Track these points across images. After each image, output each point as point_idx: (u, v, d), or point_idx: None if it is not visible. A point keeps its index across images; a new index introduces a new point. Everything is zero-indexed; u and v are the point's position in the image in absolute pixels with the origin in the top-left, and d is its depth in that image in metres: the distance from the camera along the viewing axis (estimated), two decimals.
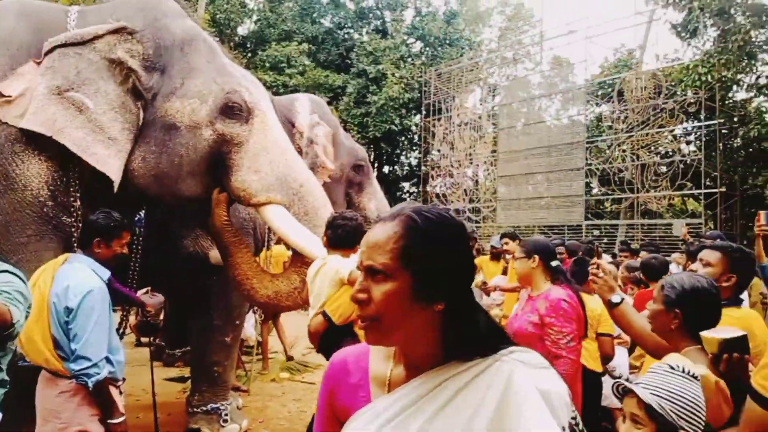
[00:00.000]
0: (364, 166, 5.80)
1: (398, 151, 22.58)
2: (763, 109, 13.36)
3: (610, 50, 17.41)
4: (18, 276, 2.05)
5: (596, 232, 15.03)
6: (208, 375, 4.27)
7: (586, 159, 14.50)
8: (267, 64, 19.36)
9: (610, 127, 14.38)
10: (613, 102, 14.36)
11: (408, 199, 23.28)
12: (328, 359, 2.78)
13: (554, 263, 2.83)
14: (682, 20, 12.50)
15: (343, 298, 2.62)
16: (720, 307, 1.83)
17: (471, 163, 17.83)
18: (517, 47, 18.95)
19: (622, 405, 1.51)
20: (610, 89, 14.80)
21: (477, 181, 18.26)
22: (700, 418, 1.38)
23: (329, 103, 18.83)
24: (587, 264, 4.38)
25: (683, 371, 1.45)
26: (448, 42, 21.14)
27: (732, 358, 1.49)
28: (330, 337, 2.66)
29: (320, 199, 3.55)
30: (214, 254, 3.80)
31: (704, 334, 1.64)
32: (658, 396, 1.39)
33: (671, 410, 1.37)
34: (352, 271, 2.60)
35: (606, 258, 7.08)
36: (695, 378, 1.44)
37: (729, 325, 1.77)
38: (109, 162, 3.14)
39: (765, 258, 5.81)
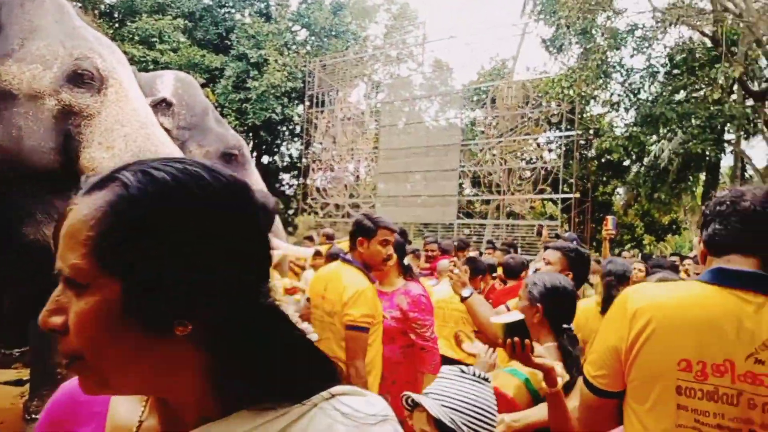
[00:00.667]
0: (236, 155, 5.40)
1: (279, 142, 21.99)
2: (614, 124, 14.91)
3: (487, 58, 18.42)
4: None
5: (467, 231, 15.79)
6: (49, 378, 3.76)
7: (460, 161, 15.16)
8: (136, 38, 17.78)
9: (483, 132, 15.16)
10: (486, 108, 15.16)
11: (288, 191, 22.83)
12: None
13: (405, 261, 2.96)
14: (551, 36, 13.53)
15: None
16: (575, 302, 2.01)
17: (352, 158, 17.85)
18: (401, 46, 19.30)
19: (411, 421, 1.45)
20: (484, 95, 15.61)
21: (358, 177, 18.35)
22: (492, 423, 1.39)
23: (204, 86, 17.92)
24: (478, 262, 4.54)
25: (474, 375, 1.46)
26: (334, 33, 20.96)
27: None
28: None
29: None
30: None
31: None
32: (448, 407, 1.37)
33: (462, 423, 1.34)
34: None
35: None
36: (486, 381, 1.46)
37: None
38: None
39: (609, 255, 6.42)
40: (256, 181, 5.49)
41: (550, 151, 16.28)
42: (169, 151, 3.26)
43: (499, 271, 5.25)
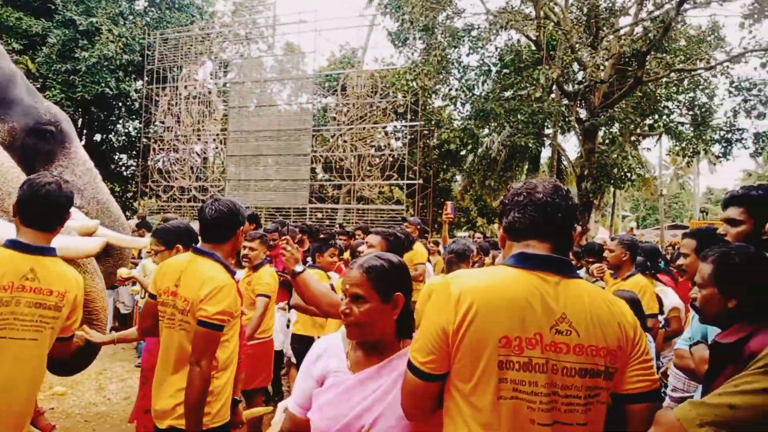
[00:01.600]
0: (53, 132, 4.59)
1: (114, 119, 20.06)
2: (453, 117, 16.09)
3: (337, 46, 18.64)
4: None
5: (319, 215, 16.01)
6: None
7: (312, 146, 15.27)
8: None
9: (334, 119, 15.42)
10: (337, 95, 15.41)
11: (126, 172, 21.00)
12: None
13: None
14: (396, 30, 14.12)
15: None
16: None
17: (199, 139, 17.01)
18: (251, 26, 18.69)
19: None
20: (335, 83, 15.84)
21: (205, 159, 17.54)
22: None
23: (22, 53, 15.71)
24: (328, 241, 4.69)
25: None
26: (176, 6, 19.57)
27: None
28: None
29: None
30: None
31: None
32: None
33: None
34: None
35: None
36: None
37: None
38: None
39: (449, 240, 7.01)
40: (80, 161, 4.75)
41: (397, 139, 17.08)
42: None
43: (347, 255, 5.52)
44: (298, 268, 2.40)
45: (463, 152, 16.10)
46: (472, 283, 1.35)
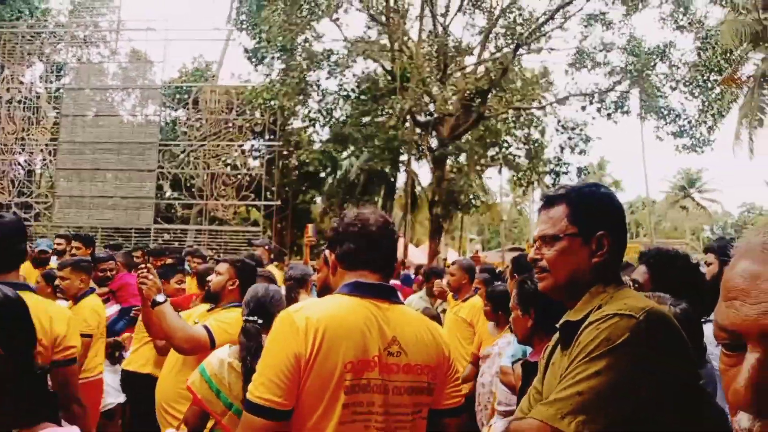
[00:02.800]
0: None
1: None
2: (313, 139, 16.11)
3: (189, 57, 17.77)
4: None
5: (166, 236, 14.88)
6: None
7: (159, 161, 14.24)
8: None
9: (185, 133, 14.58)
10: (188, 109, 14.61)
11: None
12: None
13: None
14: (254, 47, 13.84)
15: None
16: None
17: (23, 149, 15.00)
18: (91, 29, 17.07)
19: None
20: (186, 96, 15.02)
21: (30, 172, 15.52)
22: None
23: None
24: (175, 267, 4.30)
25: None
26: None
27: None
28: None
29: None
30: None
31: None
32: None
33: None
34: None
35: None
36: None
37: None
38: None
39: (310, 262, 6.87)
40: None
41: (254, 158, 16.62)
42: None
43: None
44: (160, 298, 2.50)
45: (322, 174, 16.16)
46: (316, 312, 1.37)
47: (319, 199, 18.01)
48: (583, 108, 13.87)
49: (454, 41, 14.18)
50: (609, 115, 14.18)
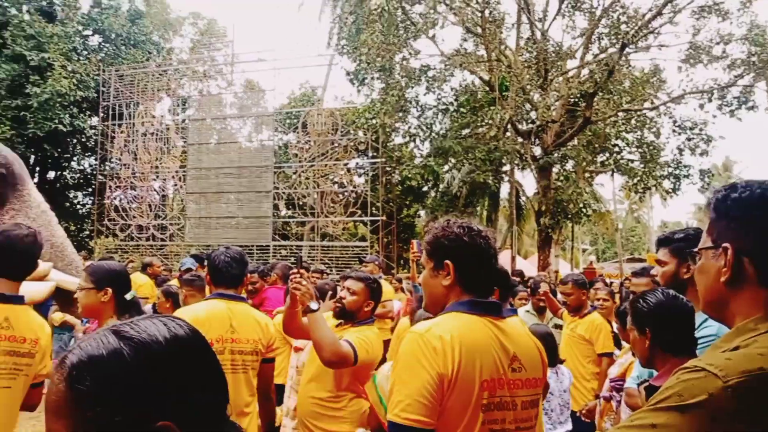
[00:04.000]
0: (4, 174, 4.51)
1: (68, 155, 19.57)
2: (414, 154, 16.44)
3: (297, 84, 18.86)
4: None
5: (283, 252, 15.90)
6: None
7: (275, 183, 15.27)
8: None
9: (296, 155, 15.50)
10: (298, 132, 15.53)
11: (81, 210, 20.35)
12: None
13: (128, 296, 2.40)
14: (354, 69, 14.42)
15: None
16: None
17: (157, 176, 16.73)
18: (209, 63, 18.70)
19: None
20: (296, 120, 15.97)
21: (164, 197, 17.22)
22: None
23: None
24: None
25: None
26: (132, 42, 19.43)
27: None
28: None
29: None
30: None
31: None
32: None
33: None
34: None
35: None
36: None
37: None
38: None
39: (417, 278, 7.15)
40: (34, 204, 4.68)
41: (359, 176, 17.27)
42: None
43: None
44: (314, 305, 2.45)
45: (425, 188, 16.43)
46: (448, 331, 1.39)
47: (422, 213, 18.32)
48: (701, 106, 12.92)
49: (554, 46, 13.84)
50: (732, 112, 13.09)
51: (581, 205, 12.57)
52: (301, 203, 15.04)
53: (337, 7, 15.64)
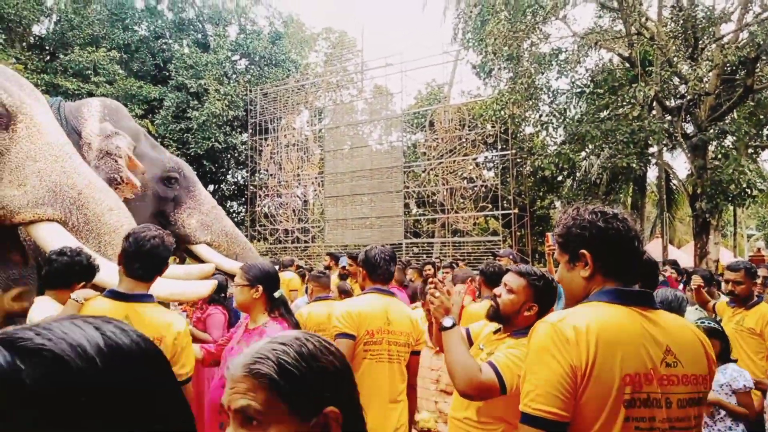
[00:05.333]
0: (177, 179, 5.11)
1: (224, 170, 21.81)
2: (546, 143, 15.70)
3: (423, 84, 19.05)
4: None
5: (415, 250, 16.12)
6: None
7: (404, 182, 15.55)
8: (69, 70, 17.38)
9: (424, 154, 15.65)
10: (425, 131, 15.67)
11: (236, 218, 22.56)
12: None
13: (277, 294, 2.55)
14: (480, 62, 14.17)
15: None
16: None
17: (299, 183, 17.97)
18: (341, 74, 19.67)
19: None
20: (423, 119, 16.14)
21: (305, 202, 18.42)
22: None
23: (143, 117, 17.65)
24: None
25: None
26: (274, 62, 21.13)
27: None
28: None
29: (104, 203, 3.16)
30: None
31: None
32: None
33: None
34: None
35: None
36: None
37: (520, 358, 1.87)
38: None
39: (554, 271, 6.79)
40: (205, 201, 5.28)
41: (488, 170, 16.93)
42: (88, 182, 3.15)
43: None
44: (447, 322, 2.01)
45: (559, 178, 15.59)
46: (583, 322, 1.31)
47: (557, 204, 17.44)
48: None
49: (705, 11, 12.34)
50: None
51: (744, 185, 10.93)
52: (431, 201, 15.14)
53: (461, 2, 15.53)
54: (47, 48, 19.46)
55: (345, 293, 4.43)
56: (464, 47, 14.38)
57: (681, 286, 6.11)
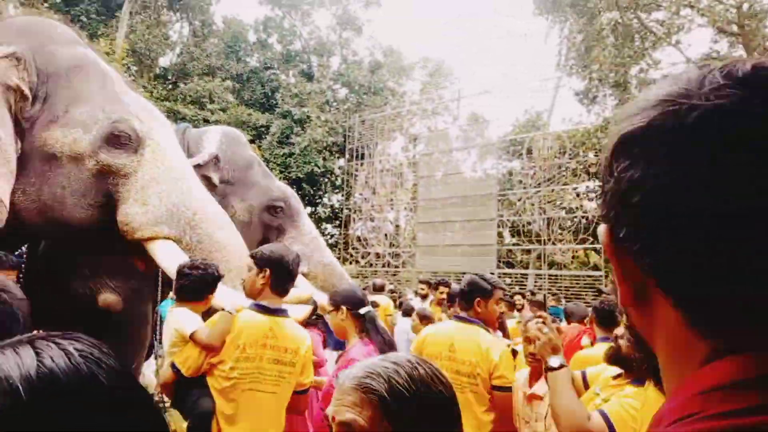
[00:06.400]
0: (282, 208, 5.23)
1: (321, 193, 22.64)
2: None
3: (521, 110, 18.72)
4: None
5: (508, 281, 15.63)
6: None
7: (499, 210, 15.21)
8: (188, 98, 18.97)
9: (520, 182, 15.24)
10: (522, 159, 15.29)
11: (330, 240, 23.25)
12: (178, 409, 2.67)
13: (363, 311, 2.59)
14: (584, 89, 13.68)
15: (190, 352, 2.49)
16: None
17: (392, 208, 18.16)
18: (437, 101, 19.83)
19: None
20: (520, 147, 15.78)
21: (398, 227, 18.56)
22: None
23: (252, 141, 18.78)
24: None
25: None
26: (372, 90, 21.78)
27: None
28: (180, 387, 2.61)
29: (216, 223, 3.35)
30: (104, 297, 3.55)
31: None
32: None
33: None
34: (196, 331, 2.47)
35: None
36: None
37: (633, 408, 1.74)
38: (6, 196, 2.90)
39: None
40: (307, 231, 5.35)
41: (590, 200, 16.16)
42: (202, 205, 3.34)
43: None
44: (553, 362, 1.88)
45: None
46: None
47: None
48: None
49: None
50: None
51: None
52: (526, 230, 14.66)
53: (565, 28, 15.18)
54: (170, 78, 21.42)
55: (425, 319, 4.54)
56: (567, 74, 13.98)
57: None
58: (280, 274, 2.48)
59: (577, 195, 15.19)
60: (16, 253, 3.40)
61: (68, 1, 17.21)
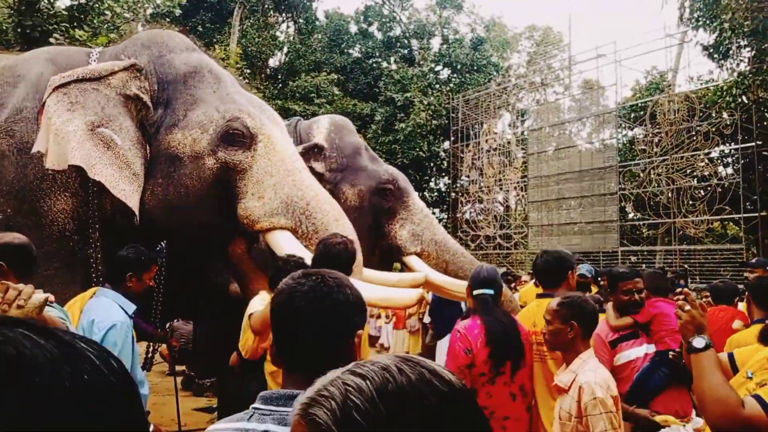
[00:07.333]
0: (392, 190, 5.20)
1: (427, 177, 22.61)
2: None
3: (641, 73, 17.19)
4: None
5: (633, 258, 14.60)
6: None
7: (620, 183, 14.19)
8: (297, 95, 19.79)
9: (644, 151, 14.06)
10: (645, 125, 14.08)
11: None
12: (238, 389, 2.79)
13: (476, 291, 2.67)
14: (714, 42, 12.27)
15: (249, 335, 2.64)
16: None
17: (501, 188, 17.69)
18: (546, 72, 18.87)
19: None
20: (642, 112, 14.53)
21: (507, 207, 18.05)
22: None
23: (357, 131, 19.19)
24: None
25: None
26: (475, 68, 21.25)
27: None
28: (243, 370, 2.81)
29: (330, 214, 3.41)
30: (235, 287, 3.79)
31: None
32: None
33: None
34: (253, 315, 2.58)
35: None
36: None
37: None
38: (133, 197, 3.19)
39: None
40: (417, 210, 5.27)
41: (725, 166, 14.53)
42: (314, 194, 3.42)
43: None
44: (698, 342, 1.70)
45: None
46: None
47: None
48: None
49: None
50: None
51: None
52: (652, 203, 13.51)
53: None
54: (279, 77, 22.49)
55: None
56: (693, 27, 12.56)
57: None
58: (322, 261, 2.45)
59: (711, 161, 13.71)
60: (157, 249, 3.72)
61: (186, 14, 18.63)
